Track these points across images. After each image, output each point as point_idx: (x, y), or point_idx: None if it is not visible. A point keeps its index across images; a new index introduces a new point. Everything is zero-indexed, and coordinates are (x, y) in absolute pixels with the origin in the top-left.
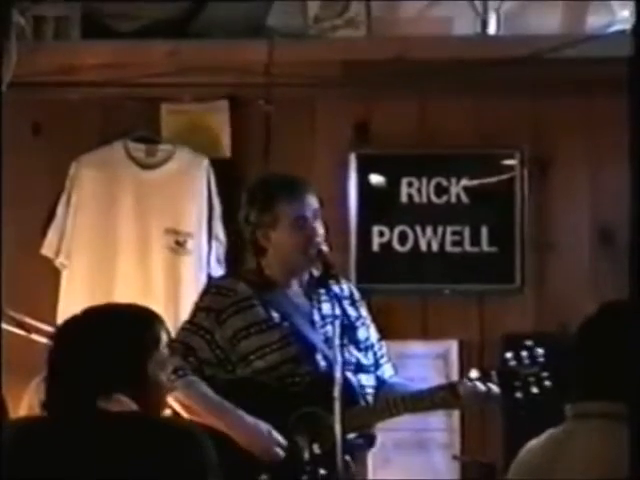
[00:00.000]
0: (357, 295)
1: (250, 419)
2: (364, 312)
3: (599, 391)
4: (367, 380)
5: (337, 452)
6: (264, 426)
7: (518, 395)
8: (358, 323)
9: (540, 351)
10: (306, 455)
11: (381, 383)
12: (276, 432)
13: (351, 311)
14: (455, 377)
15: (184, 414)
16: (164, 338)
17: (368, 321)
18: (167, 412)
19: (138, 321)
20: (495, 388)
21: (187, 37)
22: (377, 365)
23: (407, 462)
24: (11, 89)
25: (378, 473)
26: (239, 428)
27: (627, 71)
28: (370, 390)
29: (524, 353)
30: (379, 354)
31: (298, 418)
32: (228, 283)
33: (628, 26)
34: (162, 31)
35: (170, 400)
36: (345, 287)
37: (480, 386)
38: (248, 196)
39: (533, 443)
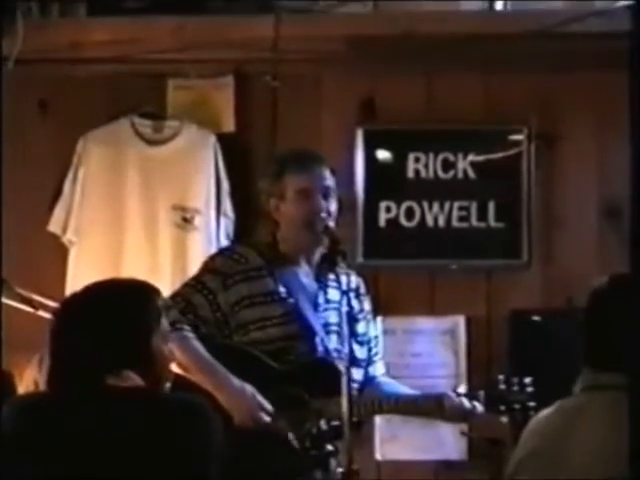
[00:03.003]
0: (363, 289)
1: (237, 381)
2: (367, 306)
3: (609, 363)
4: (357, 374)
5: (344, 430)
6: (249, 389)
7: (502, 419)
8: (360, 316)
9: (529, 380)
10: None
11: (370, 379)
12: (261, 396)
13: (355, 303)
14: (463, 353)
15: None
16: (164, 310)
17: (370, 316)
18: None
19: (140, 296)
20: (480, 407)
21: (193, 13)
22: (370, 361)
23: (414, 438)
24: (18, 66)
25: (385, 448)
26: (225, 389)
27: (627, 47)
28: (357, 384)
29: (515, 379)
30: (374, 351)
31: (282, 397)
32: (241, 250)
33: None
34: (168, 7)
35: None
36: (353, 279)
37: (465, 403)
38: (270, 168)
39: (544, 413)
